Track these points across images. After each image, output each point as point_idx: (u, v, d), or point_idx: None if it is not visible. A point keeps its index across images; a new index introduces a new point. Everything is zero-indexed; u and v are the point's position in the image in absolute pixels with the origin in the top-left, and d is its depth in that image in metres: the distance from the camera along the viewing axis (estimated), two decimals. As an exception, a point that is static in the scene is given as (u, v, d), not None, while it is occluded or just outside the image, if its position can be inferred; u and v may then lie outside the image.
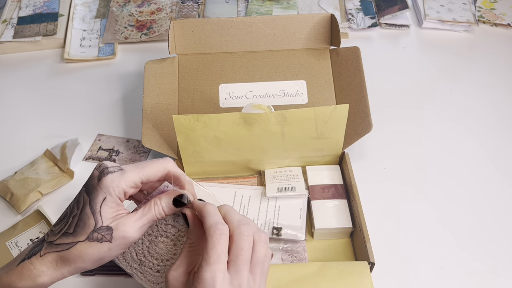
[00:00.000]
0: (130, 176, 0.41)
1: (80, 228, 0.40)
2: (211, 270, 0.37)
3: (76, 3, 0.97)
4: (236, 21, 0.72)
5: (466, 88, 0.82)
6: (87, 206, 0.40)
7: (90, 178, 0.41)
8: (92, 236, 0.39)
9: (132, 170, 0.41)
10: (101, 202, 0.40)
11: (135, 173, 0.41)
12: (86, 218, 0.40)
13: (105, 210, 0.40)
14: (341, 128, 0.61)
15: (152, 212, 0.42)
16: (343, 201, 0.62)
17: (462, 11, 0.93)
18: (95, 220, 0.39)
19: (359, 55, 0.70)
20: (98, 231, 0.39)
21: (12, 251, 0.60)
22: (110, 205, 0.40)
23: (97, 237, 0.39)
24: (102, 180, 0.40)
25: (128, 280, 0.59)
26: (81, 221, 0.40)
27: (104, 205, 0.40)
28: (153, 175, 0.42)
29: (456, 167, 0.70)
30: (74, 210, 0.41)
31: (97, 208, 0.40)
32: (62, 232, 0.40)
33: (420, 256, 0.61)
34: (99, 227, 0.39)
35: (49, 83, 0.84)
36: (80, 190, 0.42)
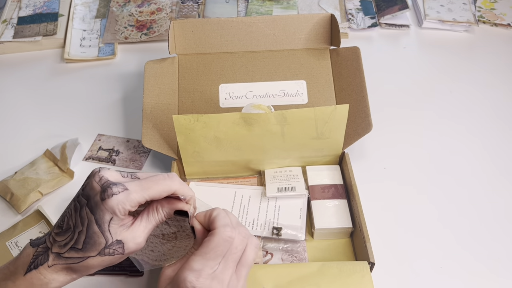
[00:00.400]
0: (136, 197, 0.40)
1: (90, 245, 0.40)
2: (202, 263, 0.39)
3: (76, 3, 0.97)
4: (236, 21, 0.72)
5: (466, 88, 0.82)
6: (94, 225, 0.40)
7: (90, 190, 0.41)
8: (104, 252, 0.40)
9: (137, 191, 0.40)
10: (108, 221, 0.40)
11: (140, 195, 0.40)
12: (95, 237, 0.40)
13: (113, 227, 0.40)
14: (341, 128, 0.61)
15: (156, 219, 0.43)
16: (343, 201, 0.62)
17: (462, 11, 0.93)
18: (105, 239, 0.40)
19: (359, 55, 0.70)
20: (110, 247, 0.40)
21: (12, 251, 0.60)
22: (116, 223, 0.41)
23: (108, 252, 0.40)
24: (107, 201, 0.39)
25: (128, 280, 0.59)
26: (90, 239, 0.40)
27: (112, 224, 0.40)
28: (158, 195, 0.42)
29: (456, 166, 0.70)
30: (78, 225, 0.40)
31: (106, 227, 0.40)
32: (69, 246, 0.41)
33: (420, 256, 0.61)
34: (110, 243, 0.40)
35: (49, 83, 0.84)
36: (79, 199, 0.41)
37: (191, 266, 0.40)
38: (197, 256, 0.40)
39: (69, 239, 0.41)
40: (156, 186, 0.41)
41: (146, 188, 0.41)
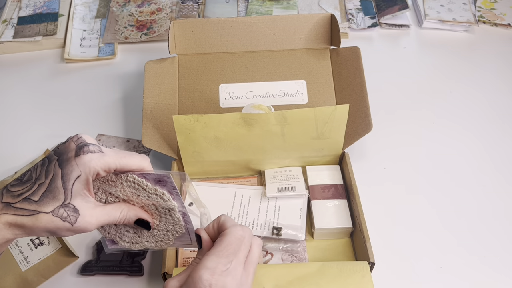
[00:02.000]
0: (109, 160, 0.40)
1: (47, 199, 0.38)
2: (216, 260, 0.40)
3: (76, 3, 0.97)
4: (236, 21, 0.72)
5: (466, 88, 0.82)
6: (59, 179, 0.39)
7: (64, 149, 0.40)
8: (58, 212, 0.38)
9: (112, 156, 0.40)
10: (74, 179, 0.39)
11: (114, 160, 0.41)
12: (56, 191, 0.38)
13: (77, 187, 0.39)
14: (341, 128, 0.61)
15: (117, 216, 0.43)
16: (343, 201, 0.62)
17: (462, 11, 0.93)
18: (65, 196, 0.38)
19: (359, 55, 0.70)
20: (65, 209, 0.38)
21: (12, 251, 0.60)
22: (82, 183, 0.39)
23: (62, 214, 0.38)
24: (81, 157, 0.39)
25: (128, 280, 0.59)
26: (50, 192, 0.38)
27: (77, 182, 0.39)
28: (127, 167, 0.42)
29: (456, 166, 0.70)
30: (41, 177, 0.39)
31: (70, 184, 0.39)
32: (24, 196, 0.39)
33: (420, 256, 0.61)
34: (67, 203, 0.38)
35: (49, 83, 0.84)
36: (50, 156, 0.40)
37: (206, 264, 0.40)
38: (211, 256, 0.40)
39: (26, 189, 0.39)
40: (130, 158, 0.42)
41: (120, 157, 0.41)
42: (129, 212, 0.43)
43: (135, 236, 0.47)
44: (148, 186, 0.44)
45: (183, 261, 0.58)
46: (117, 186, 0.43)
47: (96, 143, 0.42)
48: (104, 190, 0.44)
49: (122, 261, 0.59)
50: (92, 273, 0.59)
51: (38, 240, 0.61)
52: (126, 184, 0.43)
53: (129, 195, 0.44)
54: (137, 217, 0.44)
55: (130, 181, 0.43)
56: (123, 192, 0.44)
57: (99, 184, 0.43)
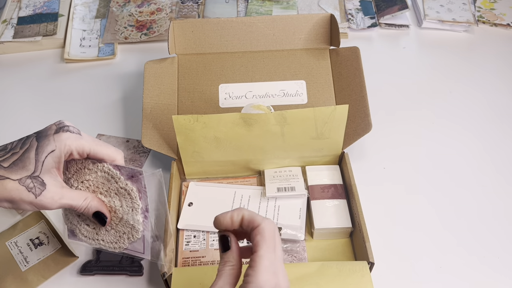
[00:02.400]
0: (85, 143, 0.42)
1: (17, 167, 0.39)
2: (269, 258, 0.38)
3: (76, 3, 0.97)
4: (236, 21, 0.73)
5: (466, 88, 0.82)
6: (33, 150, 0.39)
7: (45, 129, 0.41)
8: (25, 182, 0.39)
9: (88, 141, 0.42)
10: (48, 152, 0.39)
11: (89, 144, 0.42)
12: (27, 161, 0.39)
13: (48, 161, 0.39)
14: (340, 128, 0.62)
15: (80, 203, 0.43)
16: (343, 201, 0.62)
17: (462, 11, 0.93)
18: (35, 167, 0.39)
19: (359, 55, 0.70)
20: (33, 180, 0.39)
21: (12, 251, 0.60)
22: (54, 159, 0.40)
23: (28, 184, 0.39)
24: (60, 133, 0.40)
25: (128, 280, 0.59)
26: (21, 161, 0.39)
27: (49, 156, 0.39)
28: (100, 155, 0.43)
29: (455, 166, 0.71)
30: (16, 148, 0.40)
31: (42, 157, 0.39)
32: None
33: (419, 256, 0.61)
34: (36, 175, 0.39)
35: (49, 83, 0.84)
36: (30, 134, 0.41)
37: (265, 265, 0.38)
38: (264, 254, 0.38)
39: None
40: (105, 147, 0.43)
41: (96, 144, 0.43)
42: (92, 202, 0.44)
43: (93, 232, 0.47)
44: (120, 179, 0.45)
45: (183, 261, 0.58)
46: (91, 175, 0.45)
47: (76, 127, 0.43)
48: (78, 178, 0.45)
49: (122, 261, 0.60)
50: (91, 273, 0.59)
51: (38, 240, 0.61)
52: (101, 174, 0.45)
53: (100, 186, 0.45)
54: (97, 209, 0.44)
55: (105, 171, 0.45)
56: (95, 182, 0.45)
57: (75, 171, 0.44)
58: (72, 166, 0.45)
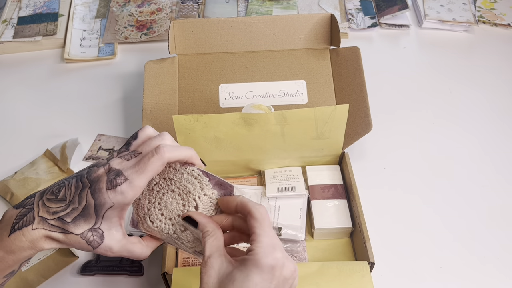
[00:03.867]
0: (137, 183, 0.41)
1: (79, 222, 0.41)
2: (269, 236, 0.40)
3: (76, 3, 0.97)
4: (236, 21, 0.72)
5: (466, 88, 0.82)
6: (92, 208, 0.41)
7: (96, 177, 0.41)
8: (86, 235, 0.41)
9: (136, 178, 0.41)
10: (107, 209, 0.41)
11: (140, 180, 0.41)
12: (88, 216, 0.41)
13: (108, 214, 0.41)
14: (341, 128, 0.61)
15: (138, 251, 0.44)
16: (343, 201, 0.62)
17: (462, 11, 0.93)
18: (95, 221, 0.41)
19: (359, 55, 0.70)
20: (93, 232, 0.41)
21: (12, 251, 0.60)
22: (114, 213, 0.42)
23: (89, 238, 0.41)
24: (114, 192, 0.41)
25: (128, 280, 0.59)
26: (82, 217, 0.41)
27: (110, 211, 0.41)
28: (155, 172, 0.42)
29: (456, 166, 0.70)
30: (75, 202, 0.41)
31: (102, 212, 0.41)
32: (58, 215, 0.41)
33: (420, 256, 0.61)
34: (97, 228, 0.41)
35: (49, 83, 0.84)
36: (83, 180, 0.42)
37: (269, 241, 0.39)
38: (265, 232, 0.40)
39: (61, 209, 0.41)
40: (150, 165, 0.42)
41: (141, 172, 0.41)
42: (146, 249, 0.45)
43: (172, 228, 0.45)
44: (208, 186, 0.45)
45: (183, 261, 0.58)
46: (176, 175, 0.45)
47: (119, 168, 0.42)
48: (162, 175, 0.45)
49: (122, 261, 0.59)
50: (92, 273, 0.59)
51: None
52: (186, 177, 0.45)
53: (182, 188, 0.45)
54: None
55: (192, 174, 0.45)
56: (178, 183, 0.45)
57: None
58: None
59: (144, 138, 0.46)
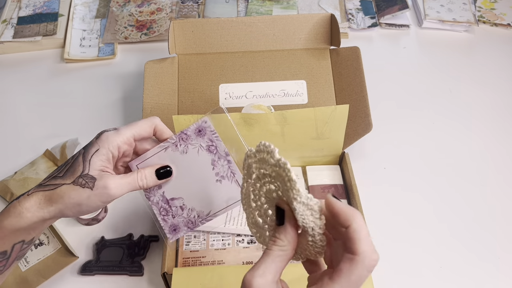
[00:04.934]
0: (123, 132, 0.46)
1: (69, 173, 0.43)
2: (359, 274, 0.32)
3: (76, 3, 0.97)
4: (236, 21, 0.72)
5: (466, 87, 0.82)
6: (80, 156, 0.44)
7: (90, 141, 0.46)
8: (77, 181, 0.43)
9: (125, 128, 0.46)
10: (93, 152, 0.44)
11: (128, 130, 0.46)
12: (76, 165, 0.44)
13: (95, 160, 0.44)
14: (341, 128, 0.61)
15: (134, 177, 0.47)
16: (343, 201, 0.62)
17: (462, 11, 0.93)
18: (83, 167, 0.43)
19: (359, 55, 0.70)
20: (83, 177, 0.43)
21: (12, 251, 0.60)
22: (100, 158, 0.44)
23: (81, 182, 0.43)
24: (100, 137, 0.45)
25: (128, 280, 0.59)
26: (71, 167, 0.44)
27: (95, 156, 0.44)
28: (143, 130, 0.47)
29: (456, 166, 0.70)
30: (69, 160, 0.45)
31: (88, 157, 0.44)
32: (52, 176, 0.44)
33: (420, 256, 0.61)
34: (85, 173, 0.43)
35: (49, 83, 0.84)
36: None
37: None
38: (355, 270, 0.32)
39: (56, 171, 0.45)
40: (140, 122, 0.47)
41: (132, 126, 0.47)
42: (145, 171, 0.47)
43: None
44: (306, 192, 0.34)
45: (183, 261, 0.58)
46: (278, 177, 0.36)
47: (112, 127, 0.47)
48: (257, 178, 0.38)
49: (122, 261, 0.59)
50: (92, 273, 0.59)
51: (38, 240, 0.61)
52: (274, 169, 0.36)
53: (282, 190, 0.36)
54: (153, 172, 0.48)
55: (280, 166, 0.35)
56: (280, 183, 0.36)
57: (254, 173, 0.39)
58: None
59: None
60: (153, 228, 0.63)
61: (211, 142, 0.47)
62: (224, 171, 0.48)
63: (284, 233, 0.35)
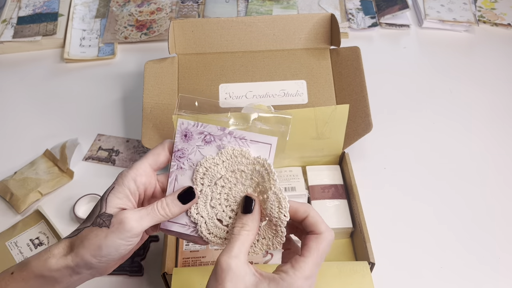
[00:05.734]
0: (137, 164, 0.43)
1: (89, 217, 0.41)
2: (314, 270, 0.39)
3: (76, 3, 0.96)
4: (236, 21, 0.72)
5: (466, 87, 0.82)
6: (99, 201, 0.42)
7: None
8: (96, 222, 0.40)
9: (139, 160, 0.44)
10: (109, 191, 0.42)
11: (141, 161, 0.43)
12: (96, 207, 0.42)
13: (112, 199, 0.41)
14: (341, 128, 0.61)
15: (154, 206, 0.42)
16: (343, 201, 0.62)
17: (463, 11, 0.93)
18: (100, 207, 0.41)
19: (359, 55, 0.70)
20: (100, 217, 0.41)
21: (11, 251, 0.60)
22: (117, 195, 0.41)
23: (98, 222, 0.40)
24: (117, 177, 0.43)
25: (128, 280, 0.59)
26: (92, 211, 0.42)
27: (111, 194, 0.41)
28: (157, 155, 0.44)
29: (456, 166, 0.70)
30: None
31: (105, 196, 0.42)
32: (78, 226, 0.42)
33: (420, 256, 0.60)
34: (102, 213, 0.41)
35: (49, 83, 0.84)
36: None
37: (306, 274, 0.38)
38: (310, 264, 0.39)
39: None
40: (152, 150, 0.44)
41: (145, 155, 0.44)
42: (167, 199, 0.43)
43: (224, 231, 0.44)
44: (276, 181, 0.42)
45: (183, 261, 0.58)
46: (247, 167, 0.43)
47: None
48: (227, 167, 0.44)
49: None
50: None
51: (38, 240, 0.61)
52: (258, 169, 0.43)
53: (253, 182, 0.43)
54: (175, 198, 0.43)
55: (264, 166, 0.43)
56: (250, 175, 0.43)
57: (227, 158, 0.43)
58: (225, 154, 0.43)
59: None
60: (153, 228, 0.63)
61: (202, 135, 0.44)
62: (234, 144, 0.45)
63: (251, 219, 0.41)
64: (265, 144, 0.44)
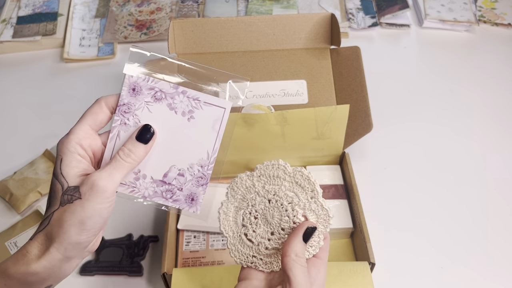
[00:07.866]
0: (75, 129, 0.40)
1: (53, 199, 0.38)
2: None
3: (75, 3, 0.96)
4: (236, 20, 0.72)
5: (467, 87, 0.82)
6: (53, 177, 0.38)
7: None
8: (64, 200, 0.37)
9: (76, 123, 0.41)
10: (59, 165, 0.38)
11: (79, 124, 0.41)
12: (54, 187, 0.38)
13: (67, 171, 0.38)
14: (341, 128, 0.61)
15: (117, 157, 0.39)
16: (344, 201, 0.61)
17: (463, 10, 0.93)
18: (60, 184, 0.37)
19: (360, 55, 0.70)
20: (67, 193, 0.37)
21: (11, 251, 0.59)
22: (70, 165, 0.38)
23: (67, 199, 0.37)
24: (57, 148, 0.40)
25: (128, 280, 0.58)
26: (52, 192, 0.38)
27: (63, 166, 0.38)
28: (96, 116, 0.42)
29: (457, 166, 0.70)
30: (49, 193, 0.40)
31: (58, 171, 0.38)
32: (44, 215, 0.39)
33: (420, 256, 0.60)
34: (67, 188, 0.37)
35: (48, 83, 0.84)
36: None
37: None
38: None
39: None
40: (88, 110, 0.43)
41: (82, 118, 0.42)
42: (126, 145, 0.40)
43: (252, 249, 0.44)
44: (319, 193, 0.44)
45: (183, 261, 0.58)
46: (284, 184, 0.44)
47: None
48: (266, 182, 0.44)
49: (122, 261, 0.59)
50: (91, 273, 0.59)
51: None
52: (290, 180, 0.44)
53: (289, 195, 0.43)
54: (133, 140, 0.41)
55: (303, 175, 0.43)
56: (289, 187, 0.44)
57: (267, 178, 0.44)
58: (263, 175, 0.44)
59: None
60: (153, 228, 0.63)
61: (152, 90, 0.41)
62: (186, 105, 0.42)
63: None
64: (219, 107, 0.43)
